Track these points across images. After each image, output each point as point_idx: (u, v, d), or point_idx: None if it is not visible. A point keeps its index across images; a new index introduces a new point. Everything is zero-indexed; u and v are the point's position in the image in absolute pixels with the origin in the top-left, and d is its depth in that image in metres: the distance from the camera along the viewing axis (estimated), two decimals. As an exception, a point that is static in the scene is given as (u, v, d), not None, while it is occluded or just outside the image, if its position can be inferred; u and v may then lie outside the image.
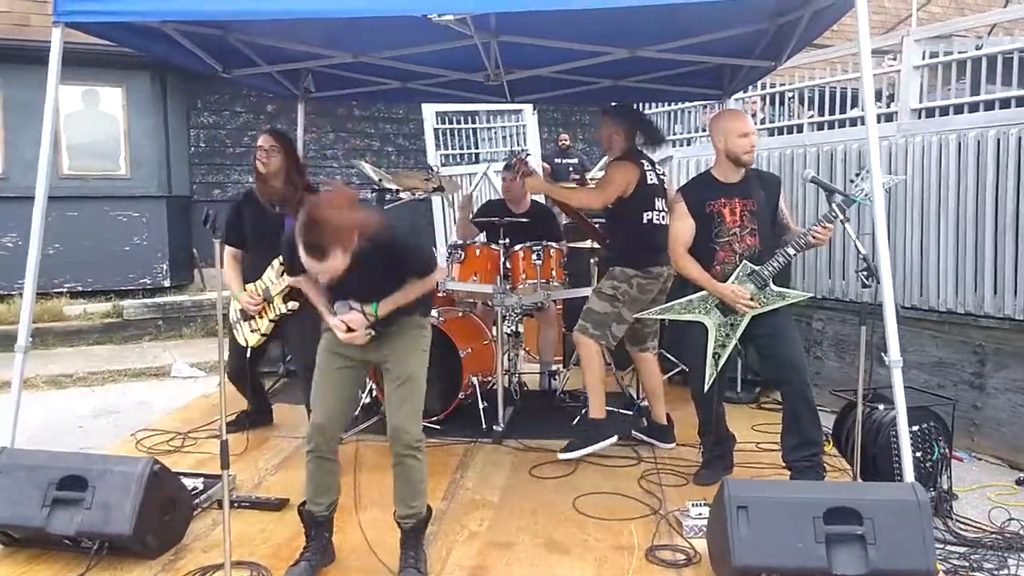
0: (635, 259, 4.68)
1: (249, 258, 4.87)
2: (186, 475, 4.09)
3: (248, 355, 4.94)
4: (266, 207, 4.70)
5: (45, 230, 3.89)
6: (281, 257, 4.63)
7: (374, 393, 5.43)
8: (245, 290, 4.79)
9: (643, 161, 4.75)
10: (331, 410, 3.34)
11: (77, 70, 8.96)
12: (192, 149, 11.18)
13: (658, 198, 4.75)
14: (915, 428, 4.32)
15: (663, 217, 4.71)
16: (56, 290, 9.75)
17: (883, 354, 3.50)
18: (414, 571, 3.26)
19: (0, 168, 9.78)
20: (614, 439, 4.63)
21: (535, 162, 9.94)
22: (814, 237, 3.92)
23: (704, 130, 8.41)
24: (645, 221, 4.68)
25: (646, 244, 4.68)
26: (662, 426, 4.98)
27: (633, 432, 5.14)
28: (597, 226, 5.56)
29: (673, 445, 4.86)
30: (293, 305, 4.70)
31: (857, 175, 3.88)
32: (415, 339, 3.42)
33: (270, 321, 4.78)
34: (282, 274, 4.65)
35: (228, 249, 4.78)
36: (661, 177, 4.83)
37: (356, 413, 4.78)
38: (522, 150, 5.71)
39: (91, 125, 10.26)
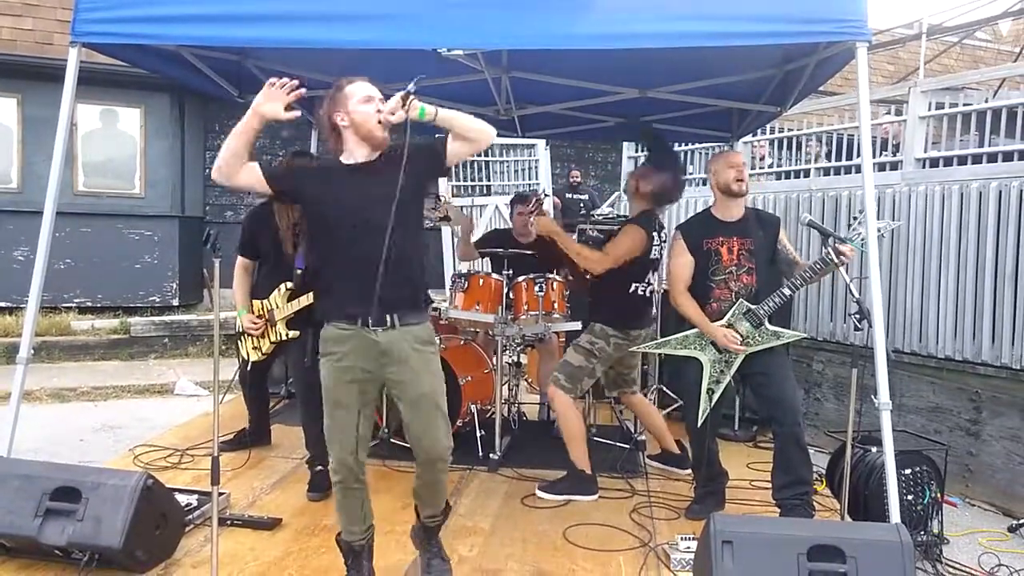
0: (616, 320, 4.73)
1: (263, 272, 4.86)
2: (181, 491, 4.13)
3: (249, 367, 4.98)
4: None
5: (57, 245, 3.94)
6: (289, 283, 4.67)
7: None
8: (251, 308, 4.79)
9: (655, 233, 4.72)
10: (352, 441, 3.19)
11: (96, 90, 9.21)
12: (207, 171, 11.29)
13: (652, 272, 4.78)
14: (907, 471, 4.32)
15: (649, 291, 4.78)
16: (65, 304, 9.84)
17: (872, 397, 3.53)
18: (439, 560, 3.44)
19: (16, 183, 9.92)
20: (595, 497, 4.62)
21: (550, 203, 10.03)
22: (840, 256, 3.81)
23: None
24: (631, 291, 4.71)
25: (628, 311, 4.74)
26: (675, 454, 5.09)
27: (648, 461, 5.21)
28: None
29: (688, 471, 4.81)
30: (294, 333, 4.63)
31: (855, 219, 3.94)
32: (429, 359, 3.24)
33: (271, 343, 4.77)
34: (289, 299, 4.64)
35: (240, 260, 4.81)
36: (661, 250, 4.79)
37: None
38: (543, 191, 5.74)
39: (108, 144, 10.39)
